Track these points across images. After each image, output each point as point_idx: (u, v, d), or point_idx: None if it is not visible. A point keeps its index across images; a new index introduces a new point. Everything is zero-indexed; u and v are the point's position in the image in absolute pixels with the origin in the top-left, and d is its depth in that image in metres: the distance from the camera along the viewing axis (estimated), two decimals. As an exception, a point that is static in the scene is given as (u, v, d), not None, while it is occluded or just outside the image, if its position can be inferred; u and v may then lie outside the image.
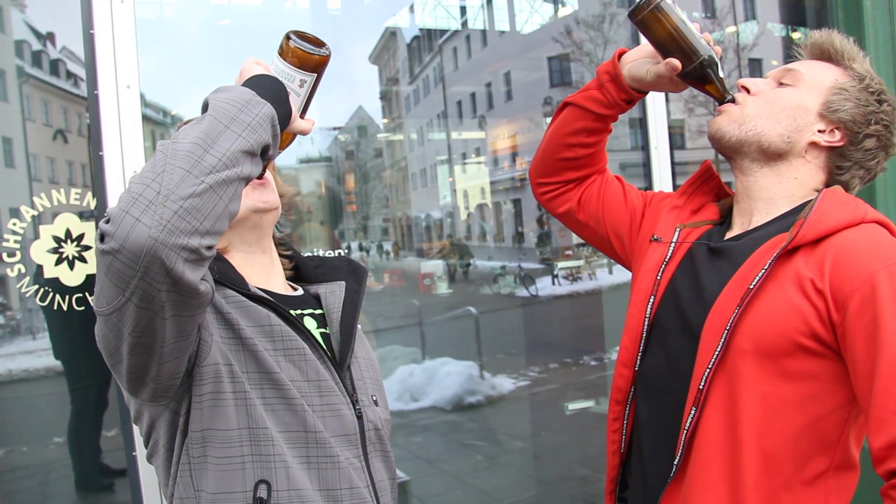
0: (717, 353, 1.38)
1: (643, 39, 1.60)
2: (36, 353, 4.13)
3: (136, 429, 1.97)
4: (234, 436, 1.28)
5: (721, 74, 1.55)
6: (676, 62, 1.54)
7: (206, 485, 1.28)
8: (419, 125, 22.45)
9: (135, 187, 1.06)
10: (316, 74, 1.33)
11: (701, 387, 1.39)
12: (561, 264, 13.79)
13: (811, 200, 1.48)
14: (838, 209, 1.40)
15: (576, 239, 15.36)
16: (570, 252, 14.26)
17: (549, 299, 13.02)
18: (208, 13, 4.38)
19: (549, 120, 1.85)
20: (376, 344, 7.50)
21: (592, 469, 4.66)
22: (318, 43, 1.32)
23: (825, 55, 1.57)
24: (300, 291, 1.59)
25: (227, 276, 1.37)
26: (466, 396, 6.82)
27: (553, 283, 13.80)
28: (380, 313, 10.40)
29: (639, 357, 1.59)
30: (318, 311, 1.56)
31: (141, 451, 2.13)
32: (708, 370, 1.39)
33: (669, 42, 1.53)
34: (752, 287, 1.36)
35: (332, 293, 1.58)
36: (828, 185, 1.54)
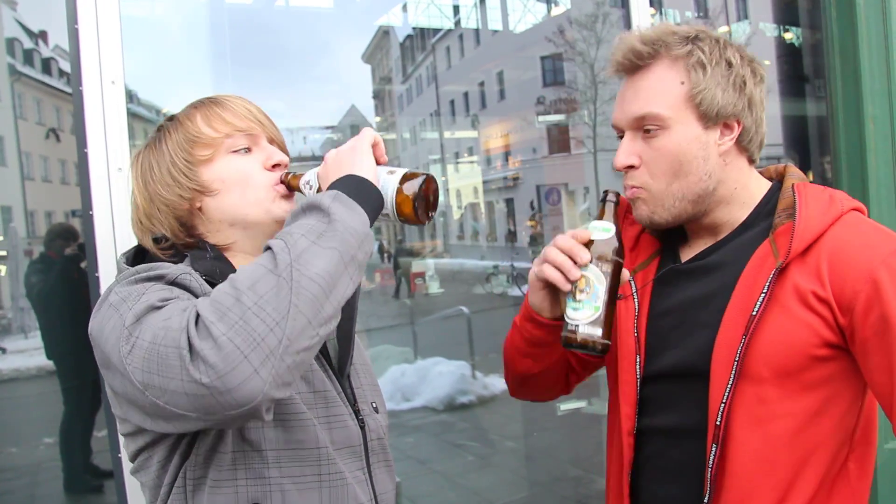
0: (729, 385, 1.35)
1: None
2: (28, 353, 4.12)
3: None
4: (238, 458, 1.22)
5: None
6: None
7: None
8: (412, 124, 22.45)
9: (256, 325, 0.98)
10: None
11: (718, 423, 1.36)
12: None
13: (775, 193, 1.45)
14: (818, 211, 1.37)
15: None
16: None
17: (542, 299, 13.02)
18: (200, 11, 4.37)
19: (541, 119, 1.80)
20: (368, 343, 7.48)
21: (584, 469, 4.66)
22: (428, 208, 1.26)
23: (641, 59, 1.44)
24: None
25: None
26: (458, 396, 6.82)
27: (546, 283, 13.83)
28: (371, 313, 10.38)
29: (637, 417, 1.52)
30: None
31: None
32: (723, 405, 1.35)
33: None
34: (755, 314, 1.33)
35: None
36: (750, 160, 1.48)
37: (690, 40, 1.40)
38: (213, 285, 1.21)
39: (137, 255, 1.35)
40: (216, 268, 1.27)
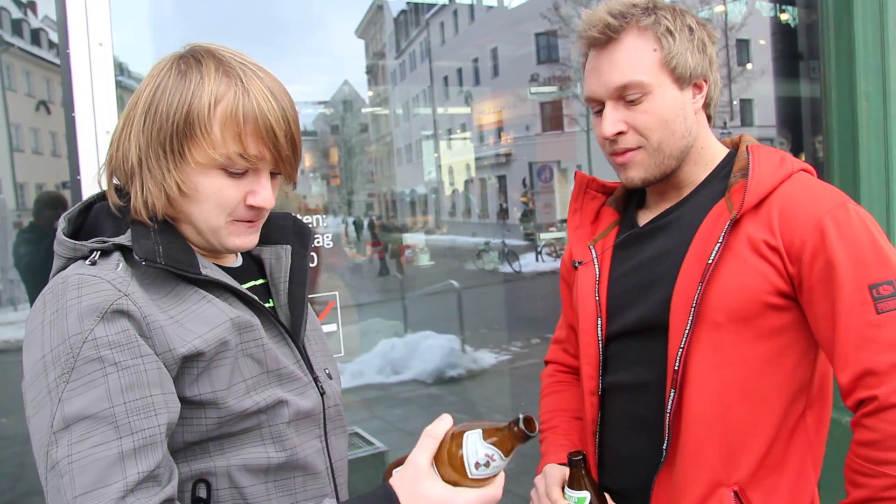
0: (686, 330, 1.41)
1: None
2: (17, 325, 4.11)
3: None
4: (179, 455, 1.17)
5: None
6: None
7: None
8: (405, 100, 22.39)
9: None
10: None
11: (676, 367, 1.42)
12: (544, 235, 13.94)
13: (732, 158, 1.55)
14: (770, 170, 1.46)
15: (560, 215, 15.35)
16: (553, 228, 14.35)
17: (532, 275, 13.11)
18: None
19: (533, 90, 1.84)
20: (357, 318, 7.48)
21: (573, 443, 4.68)
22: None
23: (614, 32, 1.50)
24: (239, 261, 1.38)
25: (174, 259, 1.17)
26: (448, 370, 6.87)
27: (537, 260, 13.93)
28: (362, 287, 10.40)
29: (600, 378, 1.60)
30: (260, 282, 1.39)
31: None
32: (681, 350, 1.42)
33: None
34: (710, 262, 1.40)
35: (278, 260, 1.41)
36: (709, 116, 1.59)
37: (651, 10, 1.50)
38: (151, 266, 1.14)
39: (81, 215, 1.25)
40: (158, 246, 1.16)
